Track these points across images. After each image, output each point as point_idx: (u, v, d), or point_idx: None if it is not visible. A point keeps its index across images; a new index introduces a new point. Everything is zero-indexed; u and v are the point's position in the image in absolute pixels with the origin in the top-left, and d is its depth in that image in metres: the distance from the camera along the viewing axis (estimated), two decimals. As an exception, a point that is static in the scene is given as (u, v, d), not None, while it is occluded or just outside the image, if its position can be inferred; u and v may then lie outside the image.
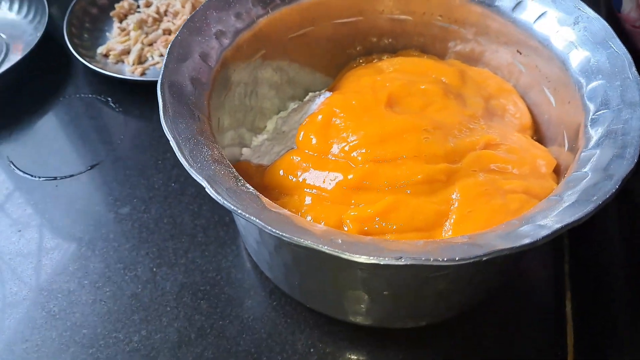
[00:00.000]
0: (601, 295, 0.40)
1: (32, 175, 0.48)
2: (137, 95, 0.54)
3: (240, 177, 0.31)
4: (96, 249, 0.43)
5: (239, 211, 0.27)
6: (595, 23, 0.36)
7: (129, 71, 0.56)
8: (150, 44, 0.58)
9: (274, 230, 0.26)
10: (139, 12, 0.62)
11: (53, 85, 0.56)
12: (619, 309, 0.38)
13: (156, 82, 0.34)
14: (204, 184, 0.28)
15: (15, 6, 0.61)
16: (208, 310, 0.40)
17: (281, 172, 0.37)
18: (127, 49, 0.58)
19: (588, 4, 0.60)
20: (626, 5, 0.55)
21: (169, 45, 0.36)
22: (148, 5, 0.62)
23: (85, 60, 0.54)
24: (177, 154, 0.30)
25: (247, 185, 0.30)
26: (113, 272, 0.42)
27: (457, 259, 0.24)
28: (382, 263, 0.24)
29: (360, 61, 0.47)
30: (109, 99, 0.54)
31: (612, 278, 0.40)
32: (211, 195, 0.28)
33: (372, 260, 0.24)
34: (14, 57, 0.57)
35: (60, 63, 0.57)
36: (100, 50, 0.58)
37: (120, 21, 0.62)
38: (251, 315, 0.40)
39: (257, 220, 0.27)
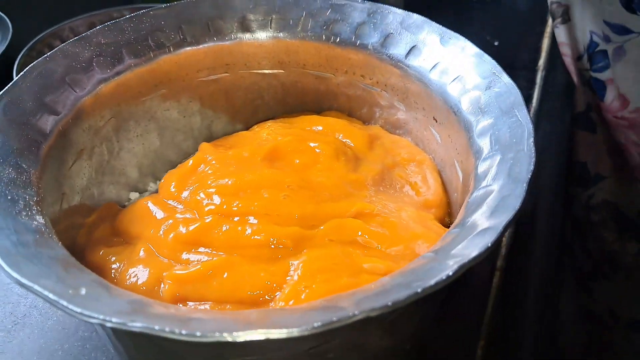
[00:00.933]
0: None
1: None
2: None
3: (38, 209, 0.26)
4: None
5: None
6: (507, 89, 0.30)
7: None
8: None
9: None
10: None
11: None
12: None
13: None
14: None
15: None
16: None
17: (130, 218, 0.32)
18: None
19: (568, 91, 0.55)
20: (609, 95, 0.49)
21: (31, 65, 0.33)
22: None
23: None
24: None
25: (39, 219, 0.26)
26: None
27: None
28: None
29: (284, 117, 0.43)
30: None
31: None
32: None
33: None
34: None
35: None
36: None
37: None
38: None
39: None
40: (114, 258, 0.29)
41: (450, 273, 0.20)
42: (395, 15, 0.37)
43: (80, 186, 0.35)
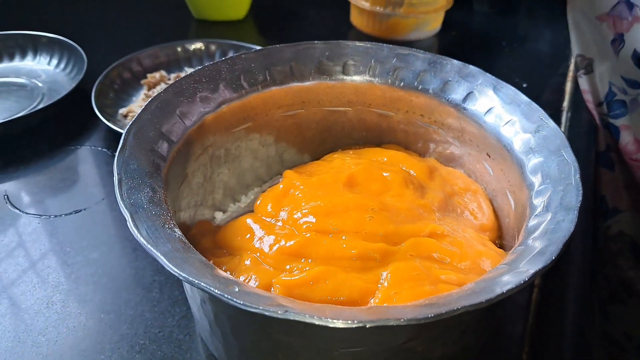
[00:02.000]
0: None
1: (20, 211, 0.51)
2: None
3: (174, 223, 0.32)
4: (56, 286, 0.44)
5: (151, 248, 0.28)
6: (553, 133, 0.36)
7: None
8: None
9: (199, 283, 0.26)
10: (168, 84, 0.67)
11: (70, 134, 0.60)
12: None
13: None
14: (127, 216, 0.29)
15: (54, 61, 0.68)
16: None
17: (232, 233, 0.38)
18: (146, 114, 0.62)
19: (591, 131, 0.61)
20: (624, 138, 0.55)
21: (150, 99, 0.39)
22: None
23: (104, 117, 0.58)
24: (115, 190, 0.31)
25: (177, 231, 0.31)
26: (60, 312, 0.42)
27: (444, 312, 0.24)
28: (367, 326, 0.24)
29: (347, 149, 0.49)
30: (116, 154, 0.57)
31: None
32: (131, 230, 0.29)
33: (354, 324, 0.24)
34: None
35: (84, 116, 0.62)
36: (122, 111, 0.62)
37: (149, 89, 0.67)
38: (181, 377, 0.39)
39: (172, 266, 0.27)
40: (224, 267, 0.35)
41: (527, 278, 0.26)
42: (453, 65, 0.44)
43: (183, 206, 0.40)
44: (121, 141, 0.35)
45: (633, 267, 0.62)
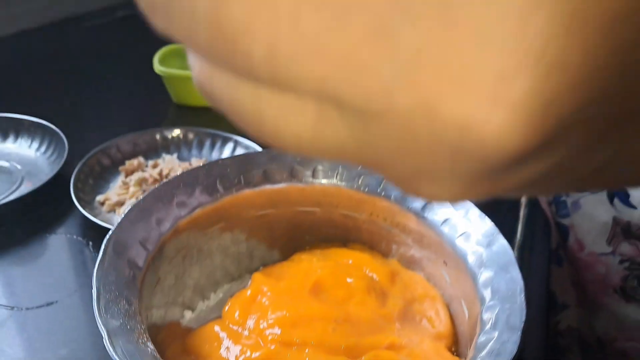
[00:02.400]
0: None
1: (-6, 301, 0.52)
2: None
3: (147, 337, 0.34)
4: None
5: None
6: (502, 249, 0.40)
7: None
8: (144, 200, 0.65)
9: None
10: (145, 171, 0.70)
11: (47, 221, 0.62)
12: None
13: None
14: (104, 333, 0.31)
15: (35, 144, 0.71)
16: None
17: (201, 340, 0.39)
18: (122, 200, 0.64)
19: (546, 229, 0.64)
20: (571, 236, 0.59)
21: (131, 206, 0.42)
22: (155, 166, 0.70)
23: (80, 205, 0.60)
24: (93, 304, 0.33)
25: (150, 345, 0.33)
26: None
27: None
28: None
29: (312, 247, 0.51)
30: (90, 242, 0.59)
31: None
32: (107, 348, 0.31)
33: None
34: (25, 189, 0.64)
35: (62, 203, 0.63)
36: (99, 198, 0.64)
37: (126, 176, 0.69)
38: None
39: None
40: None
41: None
42: (414, 175, 0.47)
43: (155, 305, 0.42)
44: (100, 252, 0.37)
45: None
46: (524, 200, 0.68)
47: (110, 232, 0.39)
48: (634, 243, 0.56)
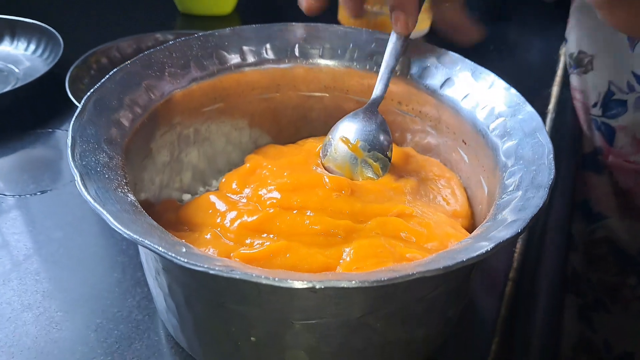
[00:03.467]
0: None
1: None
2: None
3: (129, 189, 0.31)
4: (15, 264, 0.42)
5: (97, 206, 0.26)
6: (529, 116, 0.35)
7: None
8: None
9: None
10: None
11: (42, 116, 0.59)
12: None
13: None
14: (76, 176, 0.28)
15: (32, 47, 0.67)
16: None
17: (195, 209, 0.36)
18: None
19: (574, 135, 0.60)
20: (619, 139, 0.54)
21: (115, 69, 0.38)
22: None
23: (77, 102, 0.57)
24: (67, 151, 0.30)
25: (131, 196, 0.30)
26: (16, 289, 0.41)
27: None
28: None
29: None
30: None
31: None
32: (78, 189, 0.27)
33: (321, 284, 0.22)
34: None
35: (57, 99, 0.60)
36: (97, 98, 0.61)
37: (127, 79, 0.66)
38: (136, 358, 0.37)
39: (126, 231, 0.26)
40: (183, 241, 0.33)
41: (489, 248, 0.24)
42: (433, 51, 0.43)
43: (146, 181, 0.39)
44: (79, 107, 0.33)
45: (618, 273, 0.61)
46: (551, 107, 0.63)
47: (92, 90, 0.35)
48: None
